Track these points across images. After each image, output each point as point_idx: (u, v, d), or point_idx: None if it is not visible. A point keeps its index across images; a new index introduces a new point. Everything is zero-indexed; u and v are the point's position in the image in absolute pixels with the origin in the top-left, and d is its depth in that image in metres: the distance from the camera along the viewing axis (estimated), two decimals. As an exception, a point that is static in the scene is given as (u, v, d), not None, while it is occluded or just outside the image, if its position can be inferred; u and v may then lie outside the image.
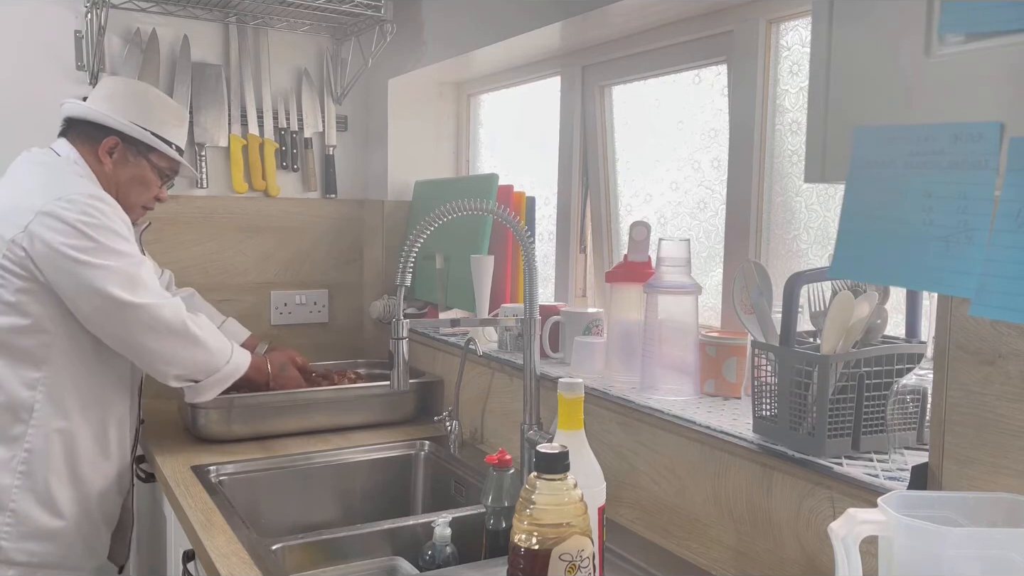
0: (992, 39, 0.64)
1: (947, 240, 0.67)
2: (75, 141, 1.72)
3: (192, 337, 1.67)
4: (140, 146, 1.74)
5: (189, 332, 1.67)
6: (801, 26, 1.44)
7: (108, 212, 1.62)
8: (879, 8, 0.73)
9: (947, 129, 0.67)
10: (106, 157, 1.72)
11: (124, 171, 1.74)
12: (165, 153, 1.77)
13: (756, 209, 1.52)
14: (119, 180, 1.73)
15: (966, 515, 0.80)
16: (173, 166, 1.81)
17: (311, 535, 1.39)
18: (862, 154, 0.74)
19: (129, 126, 1.72)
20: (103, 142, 1.71)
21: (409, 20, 2.21)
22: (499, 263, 1.98)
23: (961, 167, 0.66)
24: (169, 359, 1.66)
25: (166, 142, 1.77)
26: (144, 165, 1.76)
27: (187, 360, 1.68)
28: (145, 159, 1.76)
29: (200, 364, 1.70)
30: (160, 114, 1.77)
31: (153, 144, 1.75)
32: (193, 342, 1.67)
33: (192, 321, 1.68)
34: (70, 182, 1.64)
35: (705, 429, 1.25)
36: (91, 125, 1.72)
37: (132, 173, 1.75)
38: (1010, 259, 0.63)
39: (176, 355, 1.66)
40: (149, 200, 1.80)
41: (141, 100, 1.76)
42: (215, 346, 1.72)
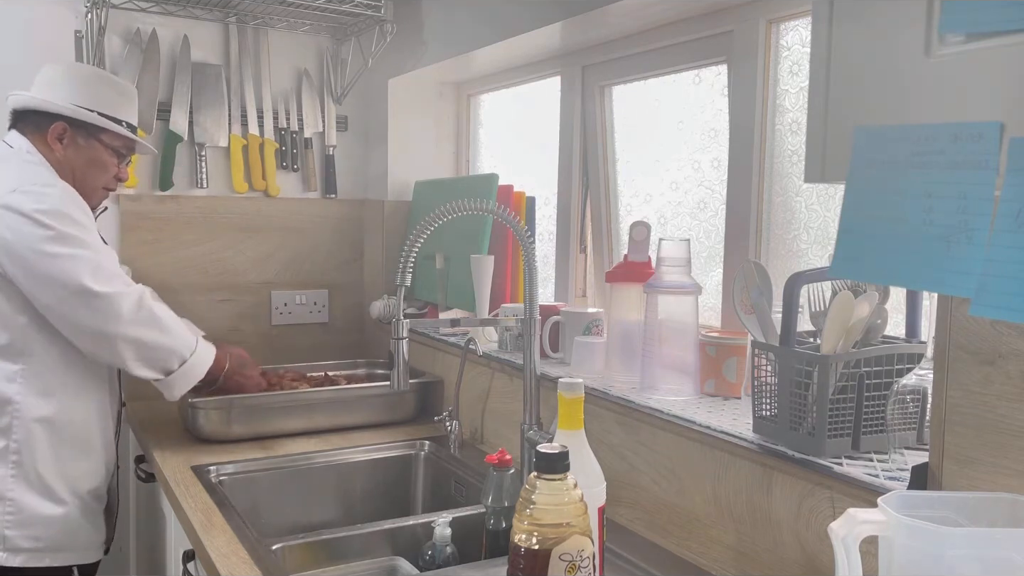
0: (992, 39, 0.64)
1: (947, 240, 0.67)
2: (25, 131, 1.72)
3: (160, 325, 1.67)
4: (89, 128, 1.73)
5: (156, 320, 1.67)
6: (801, 26, 1.44)
7: (63, 199, 1.62)
8: (879, 8, 0.73)
9: (947, 129, 0.67)
10: (56, 143, 1.71)
11: (77, 155, 1.73)
12: (116, 132, 1.75)
13: (756, 209, 1.52)
14: (74, 165, 1.73)
15: (966, 515, 0.80)
16: (127, 144, 1.80)
17: (311, 535, 1.39)
18: (862, 154, 0.74)
19: (74, 109, 1.71)
20: (50, 129, 1.71)
21: (409, 20, 2.21)
22: (499, 263, 1.98)
23: (961, 167, 0.66)
24: (136, 349, 1.65)
25: (115, 120, 1.75)
26: (96, 146, 1.75)
27: (154, 348, 1.67)
28: (96, 140, 1.75)
29: (167, 353, 1.70)
30: (105, 93, 1.76)
31: (101, 124, 1.73)
32: (160, 330, 1.67)
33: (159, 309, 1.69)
34: (24, 172, 1.64)
35: (705, 429, 1.25)
36: (37, 114, 1.71)
37: (86, 156, 1.74)
38: (1010, 259, 0.63)
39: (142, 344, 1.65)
40: (109, 181, 1.79)
41: (83, 82, 1.75)
42: (181, 335, 1.72)
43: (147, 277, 2.21)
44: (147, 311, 1.65)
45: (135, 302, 1.64)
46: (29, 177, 1.63)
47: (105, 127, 1.74)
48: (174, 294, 2.25)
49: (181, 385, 1.74)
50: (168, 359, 1.70)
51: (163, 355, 1.69)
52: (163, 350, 1.69)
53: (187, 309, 2.21)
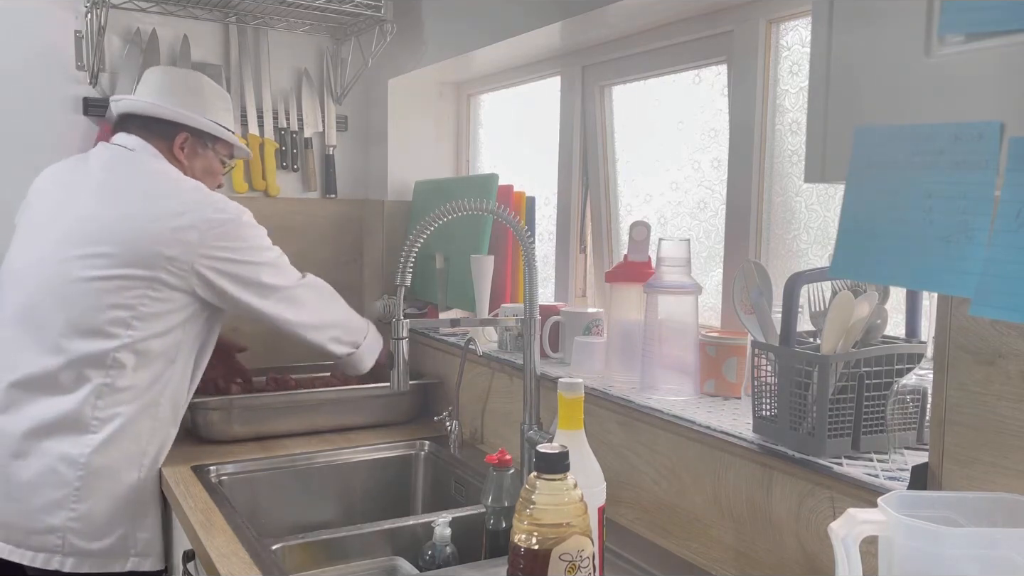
0: (992, 39, 0.64)
1: (947, 240, 0.67)
2: (146, 138, 1.73)
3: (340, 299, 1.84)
4: (206, 137, 1.78)
5: (336, 295, 1.83)
6: (801, 26, 1.44)
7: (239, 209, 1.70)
8: (879, 8, 0.73)
9: (947, 129, 0.67)
10: (180, 153, 1.75)
11: (197, 164, 1.78)
12: (227, 140, 1.81)
13: (756, 209, 1.52)
14: (193, 174, 1.76)
15: (966, 515, 0.80)
16: (230, 151, 1.85)
17: (311, 535, 1.39)
18: (862, 154, 0.74)
19: (195, 118, 1.74)
20: (176, 139, 1.74)
21: (409, 20, 2.21)
22: (499, 263, 1.98)
23: (961, 167, 0.66)
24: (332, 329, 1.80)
25: (228, 131, 1.81)
26: (211, 156, 1.80)
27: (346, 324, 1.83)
28: (211, 150, 1.80)
29: (355, 324, 1.86)
30: (216, 101, 1.81)
31: (218, 134, 1.78)
32: (343, 306, 1.84)
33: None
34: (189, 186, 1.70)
35: (705, 429, 1.25)
36: (154, 121, 1.73)
37: (203, 165, 1.79)
38: (1010, 259, 0.63)
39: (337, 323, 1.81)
40: (214, 189, 1.82)
41: (197, 89, 1.78)
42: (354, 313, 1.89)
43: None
44: (328, 290, 1.81)
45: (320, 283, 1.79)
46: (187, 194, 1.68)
47: (220, 136, 1.79)
48: (174, 294, 2.24)
49: (368, 359, 1.87)
50: (356, 331, 1.85)
51: (353, 328, 1.84)
52: (352, 324, 1.83)
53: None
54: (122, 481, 1.63)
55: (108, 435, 1.60)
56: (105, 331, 1.59)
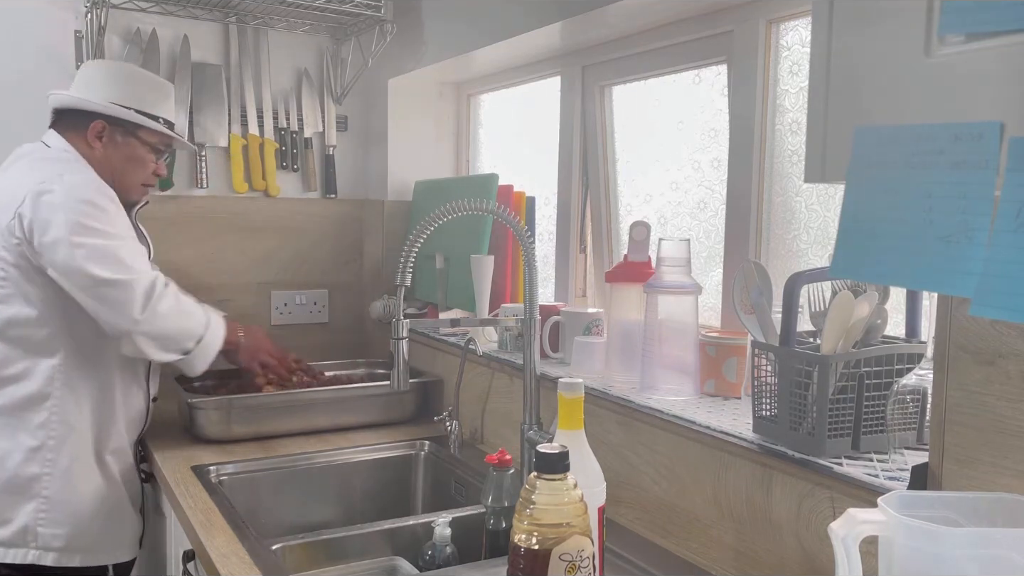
0: (992, 39, 0.64)
1: (947, 240, 0.67)
2: (63, 131, 1.74)
3: (173, 309, 1.69)
4: (127, 125, 1.75)
5: (168, 303, 1.68)
6: (801, 26, 1.44)
7: (87, 187, 1.64)
8: (879, 8, 0.73)
9: (947, 129, 0.67)
10: (96, 141, 1.74)
11: (115, 152, 1.75)
12: (153, 128, 1.77)
13: (756, 209, 1.52)
14: (112, 162, 1.75)
15: (966, 515, 0.80)
16: (164, 140, 1.82)
17: (311, 535, 1.39)
18: (862, 154, 0.74)
19: (111, 107, 1.73)
20: (90, 127, 1.73)
21: (409, 20, 2.21)
22: (499, 263, 1.98)
23: (961, 167, 0.66)
24: (152, 337, 1.66)
25: (152, 117, 1.77)
26: (134, 143, 1.77)
27: (168, 335, 1.68)
28: (134, 137, 1.77)
29: (183, 336, 1.71)
30: (141, 90, 1.78)
31: (138, 121, 1.75)
32: (175, 314, 1.69)
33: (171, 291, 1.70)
34: (52, 167, 1.66)
35: (705, 429, 1.25)
36: (76, 112, 1.74)
37: (124, 153, 1.76)
38: (1010, 259, 0.63)
39: (158, 332, 1.66)
40: (148, 177, 1.81)
41: (120, 79, 1.77)
42: (194, 313, 1.74)
43: (147, 277, 2.21)
44: (159, 295, 1.67)
45: (148, 285, 1.65)
46: (56, 169, 1.65)
47: (142, 124, 1.76)
48: (174, 294, 2.25)
49: (201, 361, 1.75)
50: (184, 340, 1.72)
51: (180, 338, 1.71)
52: (179, 334, 1.71)
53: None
54: (20, 472, 1.64)
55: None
56: None
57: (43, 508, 1.64)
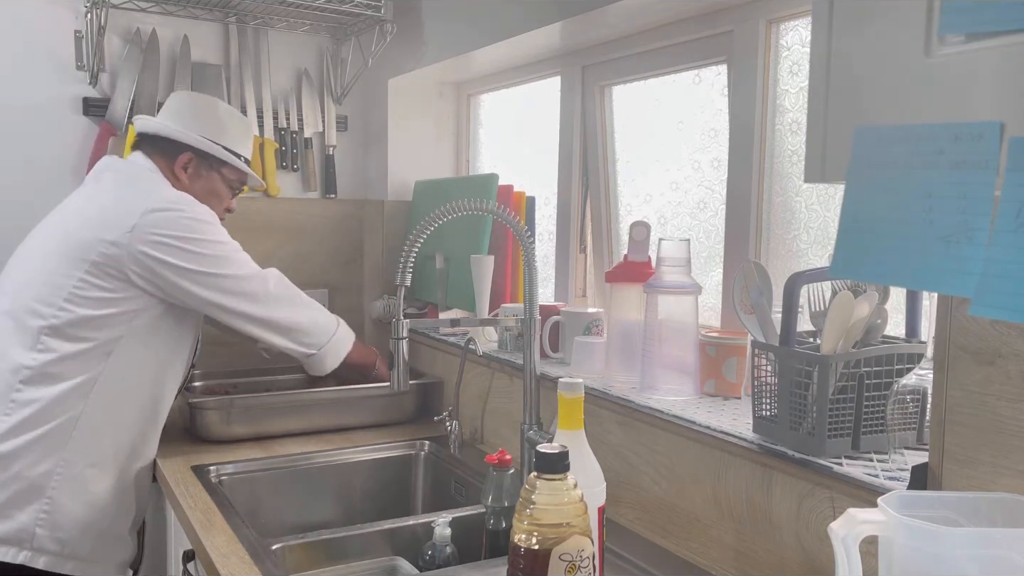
0: (992, 39, 0.64)
1: (947, 240, 0.67)
2: (151, 155, 1.77)
3: (302, 299, 1.78)
4: (212, 160, 1.80)
5: (298, 294, 1.78)
6: (801, 26, 1.44)
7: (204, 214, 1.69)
8: (879, 8, 0.73)
9: (947, 129, 0.67)
10: (181, 172, 1.77)
11: (198, 185, 1.79)
12: (235, 166, 1.82)
13: (756, 209, 1.52)
14: (194, 194, 1.76)
15: (966, 515, 0.80)
16: (241, 177, 1.87)
17: (311, 535, 1.39)
18: (862, 154, 0.74)
19: (202, 141, 1.77)
20: (178, 158, 1.77)
21: (409, 20, 2.21)
22: (499, 263, 1.98)
23: (961, 167, 0.66)
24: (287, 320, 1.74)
25: (235, 154, 1.82)
26: (216, 178, 1.81)
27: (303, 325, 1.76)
28: (217, 172, 1.81)
29: (319, 324, 1.79)
30: (229, 127, 1.83)
31: (224, 158, 1.80)
32: (305, 304, 1.78)
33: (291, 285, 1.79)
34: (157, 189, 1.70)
35: (705, 429, 1.25)
36: (165, 141, 1.77)
37: (205, 187, 1.80)
38: (1010, 259, 0.63)
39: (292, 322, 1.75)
40: (220, 212, 1.84)
41: (212, 114, 1.81)
42: (320, 308, 1.83)
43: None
44: (289, 286, 1.75)
45: (277, 278, 1.74)
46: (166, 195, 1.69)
47: (227, 160, 1.80)
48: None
49: (330, 360, 1.81)
50: (319, 334, 1.78)
51: (316, 331, 1.78)
52: (314, 326, 1.78)
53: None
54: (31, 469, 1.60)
55: (19, 420, 1.58)
56: (35, 309, 1.61)
57: (46, 509, 1.61)
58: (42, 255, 1.67)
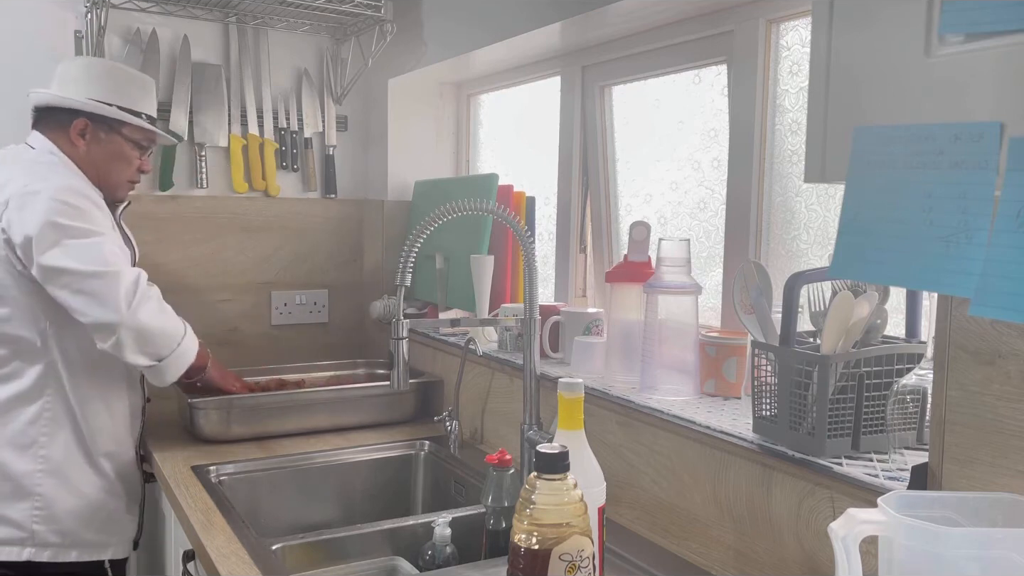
0: (992, 39, 0.64)
1: (947, 240, 0.67)
2: (46, 130, 1.74)
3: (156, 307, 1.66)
4: (111, 122, 1.74)
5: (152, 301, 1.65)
6: (801, 26, 1.44)
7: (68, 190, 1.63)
8: (879, 8, 0.73)
9: (947, 129, 0.67)
10: (79, 139, 1.72)
11: (99, 150, 1.74)
12: (137, 124, 1.76)
13: (756, 209, 1.52)
14: (96, 160, 1.74)
15: (966, 515, 0.80)
16: (148, 136, 1.81)
17: (311, 535, 1.39)
18: (862, 154, 0.74)
19: (94, 104, 1.71)
20: (72, 125, 1.72)
21: (409, 20, 2.21)
22: (499, 263, 1.98)
23: (961, 167, 0.66)
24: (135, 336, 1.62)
25: (135, 113, 1.76)
26: (118, 140, 1.76)
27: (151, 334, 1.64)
28: (118, 134, 1.75)
29: (164, 338, 1.67)
30: (123, 86, 1.77)
31: (122, 118, 1.74)
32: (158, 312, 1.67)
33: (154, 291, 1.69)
34: (34, 170, 1.66)
35: (705, 429, 1.25)
36: (58, 111, 1.73)
37: (108, 150, 1.75)
38: (1010, 259, 0.63)
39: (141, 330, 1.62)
40: (133, 174, 1.80)
41: (102, 76, 1.76)
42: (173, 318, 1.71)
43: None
44: (143, 291, 1.64)
45: (132, 280, 1.62)
46: (40, 172, 1.65)
47: (125, 120, 1.74)
48: (174, 295, 2.23)
49: (173, 371, 1.70)
50: (163, 344, 1.67)
51: (160, 341, 1.66)
52: (159, 335, 1.66)
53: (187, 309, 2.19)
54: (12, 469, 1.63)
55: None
56: None
57: (38, 505, 1.64)
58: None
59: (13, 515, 1.64)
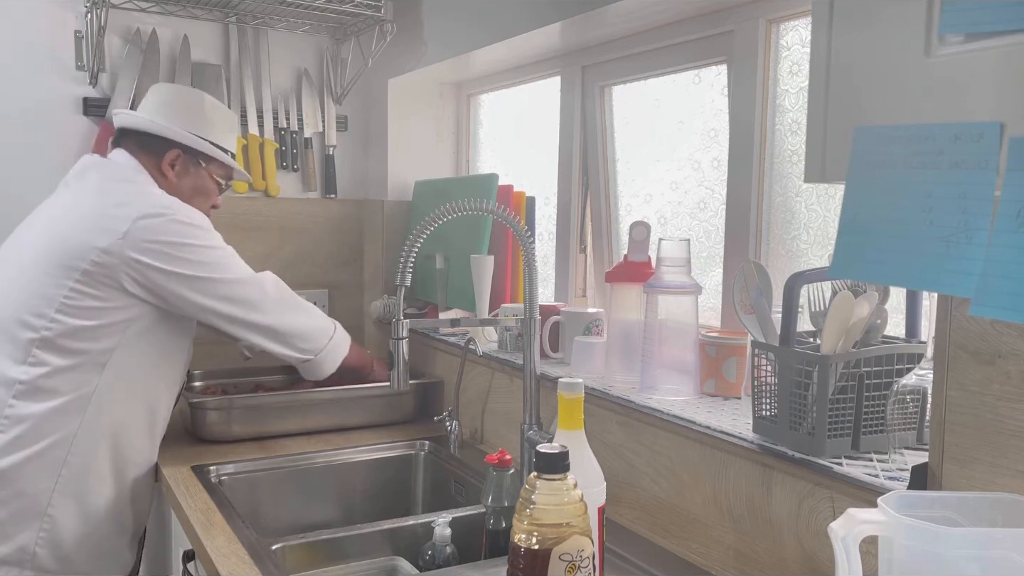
0: (991, 39, 0.64)
1: (947, 240, 0.67)
2: (134, 153, 1.72)
3: (300, 304, 1.76)
4: (200, 156, 1.75)
5: (296, 299, 1.75)
6: (801, 26, 1.44)
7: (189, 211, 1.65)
8: (879, 8, 0.73)
9: (947, 129, 0.67)
10: (169, 170, 1.72)
11: (186, 182, 1.74)
12: (223, 161, 1.78)
13: (756, 209, 1.52)
14: (182, 192, 1.73)
15: (966, 515, 0.80)
16: (228, 173, 1.82)
17: (311, 535, 1.39)
18: (862, 154, 0.74)
19: (189, 137, 1.72)
20: (166, 155, 1.72)
21: (409, 20, 2.22)
22: (499, 263, 1.98)
23: (961, 167, 0.66)
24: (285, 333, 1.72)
25: (223, 150, 1.78)
26: (203, 175, 1.77)
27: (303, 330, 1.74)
28: (204, 169, 1.76)
29: (317, 332, 1.77)
30: (215, 121, 1.78)
31: (212, 154, 1.75)
32: (304, 310, 1.76)
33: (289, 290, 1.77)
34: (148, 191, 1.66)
35: (705, 429, 1.25)
36: (149, 137, 1.71)
37: (193, 184, 1.76)
38: (1010, 259, 0.63)
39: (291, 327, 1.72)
40: (207, 210, 1.79)
41: (197, 108, 1.76)
42: (318, 313, 1.81)
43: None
44: (286, 290, 1.72)
45: (274, 282, 1.71)
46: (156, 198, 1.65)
47: (215, 156, 1.76)
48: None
49: (328, 364, 1.80)
50: (317, 339, 1.77)
51: (314, 336, 1.76)
52: (313, 331, 1.76)
53: (187, 309, 2.20)
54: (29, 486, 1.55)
55: (14, 436, 1.54)
56: (24, 321, 1.56)
57: (46, 527, 1.57)
58: (29, 261, 1.60)
59: (20, 536, 1.56)
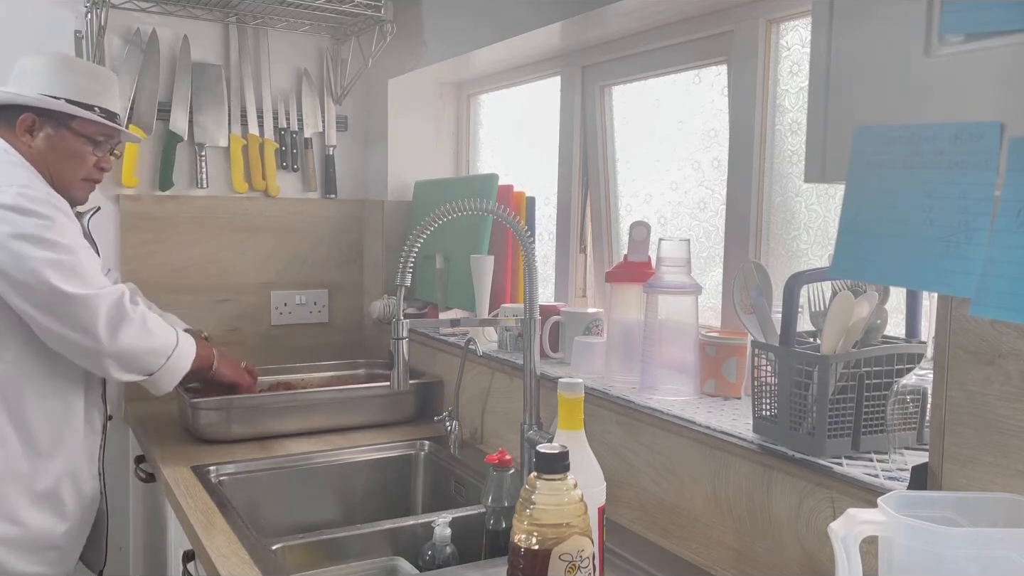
0: (992, 39, 0.64)
1: (947, 240, 0.67)
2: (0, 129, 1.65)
3: (139, 328, 1.60)
4: (58, 116, 1.66)
5: (134, 323, 1.59)
6: (801, 26, 1.44)
7: (34, 196, 1.55)
8: (879, 8, 0.73)
9: (947, 129, 0.67)
10: (26, 136, 1.64)
11: (49, 146, 1.66)
12: (87, 118, 1.67)
13: (756, 209, 1.52)
14: (47, 157, 1.65)
15: (966, 515, 0.80)
16: (102, 130, 1.70)
17: (311, 535, 1.39)
18: (862, 154, 0.74)
19: (39, 99, 1.64)
20: (18, 121, 1.64)
21: (409, 20, 2.22)
22: (499, 263, 1.98)
23: (961, 167, 0.66)
24: (118, 359, 1.59)
25: (86, 107, 1.67)
26: (67, 135, 1.67)
27: (135, 356, 1.60)
28: (66, 129, 1.66)
29: (150, 356, 1.63)
30: (73, 79, 1.68)
31: (68, 111, 1.65)
32: (141, 334, 1.60)
33: (137, 311, 1.61)
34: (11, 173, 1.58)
35: (705, 429, 1.25)
36: (8, 108, 1.65)
37: (58, 147, 1.66)
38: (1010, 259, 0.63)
39: (124, 353, 1.58)
40: (90, 171, 1.71)
41: (51, 70, 1.67)
42: (161, 334, 1.66)
43: (147, 277, 2.21)
44: (124, 313, 1.58)
45: (113, 303, 1.57)
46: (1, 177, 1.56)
47: (73, 113, 1.66)
48: (174, 294, 2.25)
49: (166, 381, 1.67)
50: (150, 361, 1.63)
51: (146, 359, 1.63)
52: (145, 355, 1.62)
53: (187, 309, 2.21)
54: None
55: None
56: None
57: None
58: None
59: None
